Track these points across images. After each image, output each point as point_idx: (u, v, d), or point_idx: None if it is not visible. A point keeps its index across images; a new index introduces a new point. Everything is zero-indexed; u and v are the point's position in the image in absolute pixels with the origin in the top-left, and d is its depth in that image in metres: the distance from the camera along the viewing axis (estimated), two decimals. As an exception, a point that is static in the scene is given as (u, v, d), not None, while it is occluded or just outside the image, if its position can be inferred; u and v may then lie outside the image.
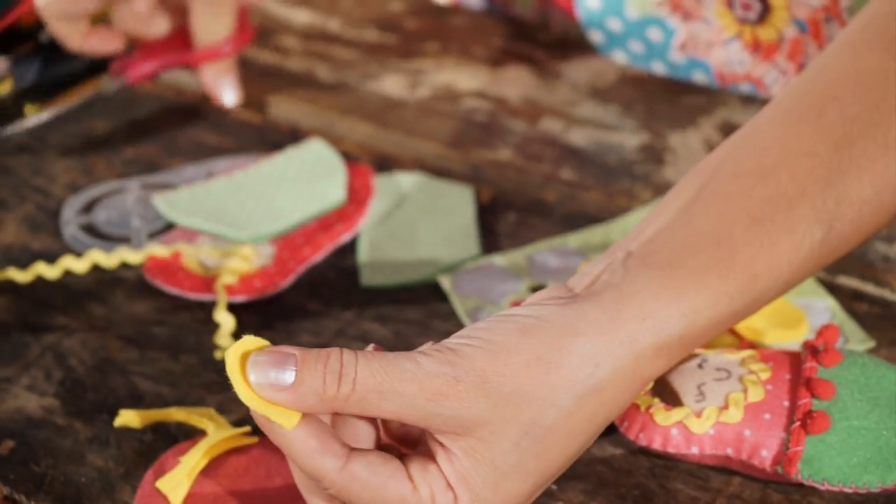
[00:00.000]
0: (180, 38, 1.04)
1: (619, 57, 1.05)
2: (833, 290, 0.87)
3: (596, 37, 1.05)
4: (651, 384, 0.76)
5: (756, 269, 0.69)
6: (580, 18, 1.04)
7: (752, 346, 0.82)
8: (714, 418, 0.74)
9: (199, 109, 1.05)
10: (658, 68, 1.04)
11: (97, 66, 1.07)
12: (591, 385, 0.66)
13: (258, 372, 0.64)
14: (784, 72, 0.99)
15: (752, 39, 0.99)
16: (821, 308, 0.85)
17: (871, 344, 0.83)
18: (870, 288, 0.87)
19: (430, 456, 0.66)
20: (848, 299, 0.86)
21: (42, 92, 1.06)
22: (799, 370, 0.75)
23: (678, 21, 1.00)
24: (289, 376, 0.64)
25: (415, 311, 0.87)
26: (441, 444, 0.65)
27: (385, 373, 0.64)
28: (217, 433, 0.77)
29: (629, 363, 0.67)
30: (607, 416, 0.67)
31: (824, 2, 0.95)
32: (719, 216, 0.70)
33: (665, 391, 0.76)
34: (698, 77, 1.03)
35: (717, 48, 1.00)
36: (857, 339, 0.83)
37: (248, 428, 0.78)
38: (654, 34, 1.02)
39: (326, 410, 0.64)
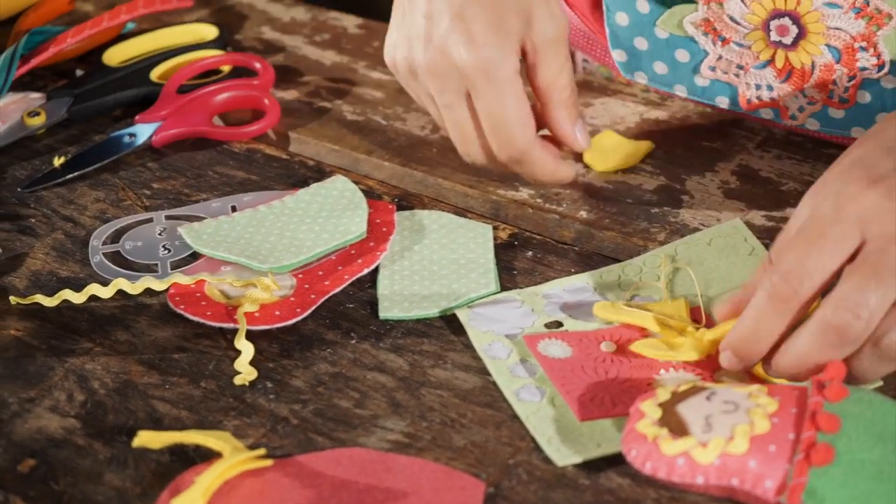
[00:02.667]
0: (202, 108, 1.08)
1: (641, 78, 1.04)
2: (844, 330, 0.88)
3: (620, 57, 1.04)
4: (660, 414, 0.77)
5: None
6: (608, 37, 1.04)
7: (763, 382, 0.83)
8: (720, 449, 0.75)
9: (226, 145, 1.07)
10: (680, 90, 1.03)
11: (125, 103, 1.10)
12: None
13: None
14: (811, 100, 0.98)
15: (784, 64, 0.98)
16: (832, 348, 0.86)
17: (879, 383, 0.83)
18: (880, 329, 0.88)
19: None
20: (859, 340, 0.87)
21: (72, 126, 1.09)
22: (805, 404, 0.77)
23: (709, 43, 0.99)
24: None
25: (431, 342, 0.88)
26: None
27: None
28: (233, 455, 0.78)
29: None
30: None
31: (862, 31, 0.94)
32: None
33: (672, 422, 0.77)
34: (721, 101, 1.02)
35: (747, 72, 0.99)
36: (866, 379, 0.84)
37: (262, 451, 0.80)
38: (682, 55, 1.01)
39: None
